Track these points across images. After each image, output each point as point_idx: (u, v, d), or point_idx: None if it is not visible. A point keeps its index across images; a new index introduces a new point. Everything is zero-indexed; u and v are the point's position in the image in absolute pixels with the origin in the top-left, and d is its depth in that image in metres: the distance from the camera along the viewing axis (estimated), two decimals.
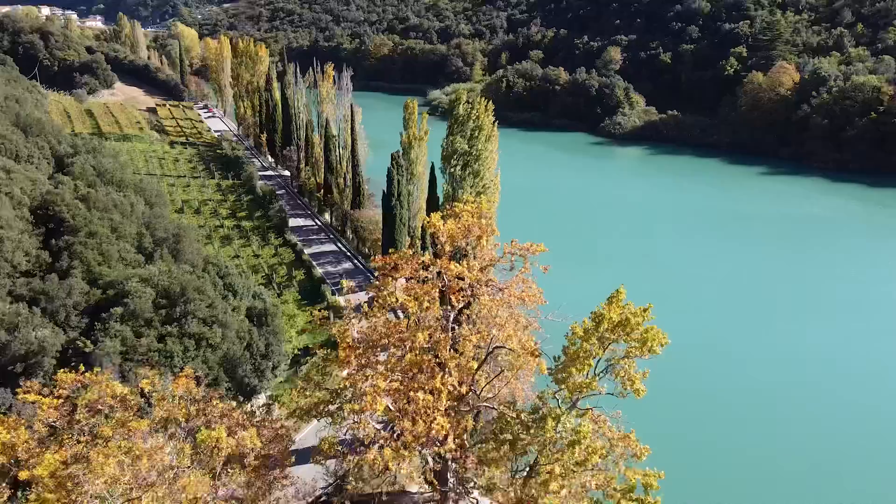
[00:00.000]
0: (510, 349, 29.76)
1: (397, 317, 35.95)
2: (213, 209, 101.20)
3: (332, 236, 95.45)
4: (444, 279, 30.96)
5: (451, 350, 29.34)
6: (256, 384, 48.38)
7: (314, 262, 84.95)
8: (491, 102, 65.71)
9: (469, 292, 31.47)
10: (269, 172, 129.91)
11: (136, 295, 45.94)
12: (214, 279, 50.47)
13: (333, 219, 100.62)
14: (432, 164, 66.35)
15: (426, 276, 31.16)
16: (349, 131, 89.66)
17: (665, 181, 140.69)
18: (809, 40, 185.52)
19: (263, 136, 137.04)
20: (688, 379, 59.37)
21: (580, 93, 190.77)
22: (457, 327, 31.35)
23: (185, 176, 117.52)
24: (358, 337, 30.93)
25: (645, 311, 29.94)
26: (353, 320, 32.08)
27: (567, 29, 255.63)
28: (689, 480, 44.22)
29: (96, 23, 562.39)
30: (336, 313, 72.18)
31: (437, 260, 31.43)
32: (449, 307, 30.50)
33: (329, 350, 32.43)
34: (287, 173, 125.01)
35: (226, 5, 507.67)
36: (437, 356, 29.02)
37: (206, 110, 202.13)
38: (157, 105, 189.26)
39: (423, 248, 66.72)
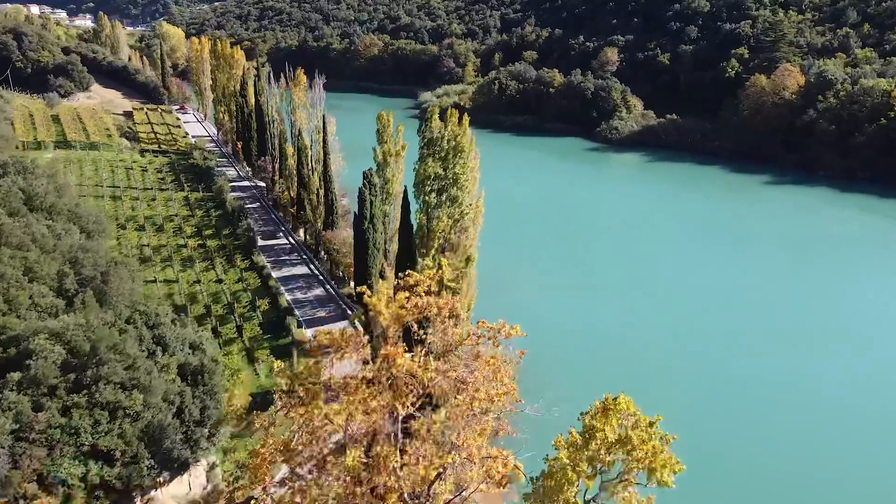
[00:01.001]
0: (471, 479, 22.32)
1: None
2: (177, 226, 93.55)
3: (304, 257, 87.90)
4: (391, 373, 23.60)
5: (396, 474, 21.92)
6: (188, 456, 40.91)
7: (283, 288, 77.56)
8: (467, 116, 58.18)
9: (423, 392, 24.10)
10: (245, 183, 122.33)
11: (40, 355, 38.42)
12: (141, 331, 42.94)
13: (308, 237, 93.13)
14: (405, 188, 58.85)
15: (371, 374, 23.92)
16: (321, 144, 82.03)
17: (665, 191, 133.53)
18: (814, 41, 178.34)
19: (240, 144, 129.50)
20: (694, 404, 54.76)
21: (575, 96, 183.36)
22: (407, 441, 23.98)
23: (151, 188, 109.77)
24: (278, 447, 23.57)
25: (652, 424, 22.65)
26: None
27: (562, 29, 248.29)
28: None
29: (86, 21, 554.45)
30: (300, 348, 64.93)
31: (383, 346, 24.08)
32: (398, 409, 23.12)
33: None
34: (263, 184, 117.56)
35: (215, 3, 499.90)
36: (373, 490, 21.57)
37: (186, 113, 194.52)
38: (133, 108, 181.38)
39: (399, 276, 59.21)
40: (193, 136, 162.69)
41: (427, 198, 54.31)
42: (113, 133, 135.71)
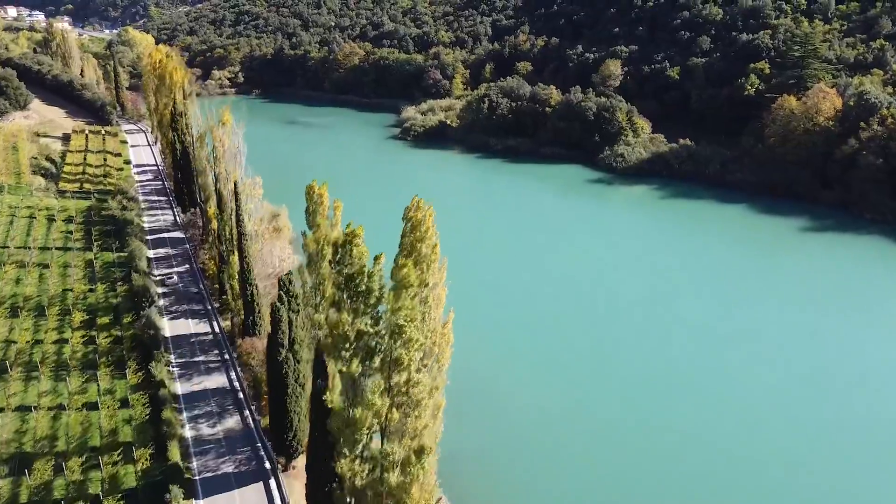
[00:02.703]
0: None
1: None
2: (66, 309, 71.68)
3: (226, 357, 66.18)
4: None
5: None
6: None
7: (185, 415, 56.45)
8: (432, 217, 36.78)
9: None
10: (179, 234, 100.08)
11: None
12: None
13: (234, 326, 71.42)
14: (317, 346, 37.12)
15: None
16: (234, 219, 60.13)
17: (681, 238, 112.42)
18: (845, 55, 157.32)
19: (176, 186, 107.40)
20: None
21: (575, 116, 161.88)
22: None
23: (51, 247, 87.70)
24: None
25: None
26: None
27: (559, 37, 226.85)
28: None
29: (63, 24, 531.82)
30: None
31: None
32: None
33: None
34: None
35: (188, 7, 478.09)
36: None
37: (139, 133, 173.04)
38: (74, 131, 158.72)
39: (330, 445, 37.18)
40: (137, 166, 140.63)
41: (346, 367, 32.83)
42: (24, 171, 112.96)
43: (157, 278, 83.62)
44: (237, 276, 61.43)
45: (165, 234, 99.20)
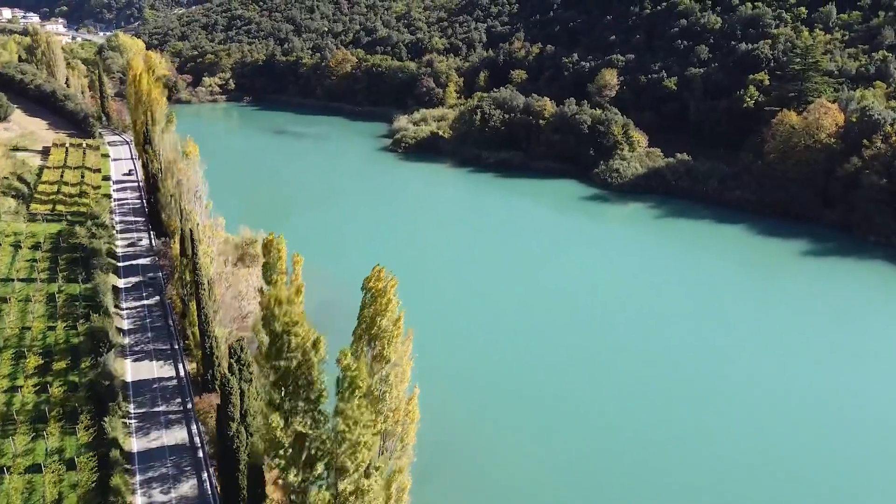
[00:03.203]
0: None
1: None
2: (20, 352, 67.32)
3: (189, 407, 61.80)
4: None
5: None
6: None
7: (138, 478, 52.27)
8: (394, 294, 32.59)
9: None
10: (152, 261, 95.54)
11: None
12: None
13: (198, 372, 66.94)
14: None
15: None
16: (191, 264, 55.76)
17: (676, 258, 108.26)
18: (846, 66, 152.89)
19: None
20: None
21: (569, 129, 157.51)
22: None
23: (13, 279, 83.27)
24: None
25: None
26: None
27: (554, 45, 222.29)
28: None
29: (57, 26, 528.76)
30: None
31: None
32: None
33: None
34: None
35: (182, 9, 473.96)
36: None
37: (125, 145, 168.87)
38: (54, 144, 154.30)
39: None
40: (117, 182, 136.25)
41: (283, 476, 28.47)
42: None
43: (125, 311, 79.36)
44: (197, 326, 57.00)
45: (140, 261, 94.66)
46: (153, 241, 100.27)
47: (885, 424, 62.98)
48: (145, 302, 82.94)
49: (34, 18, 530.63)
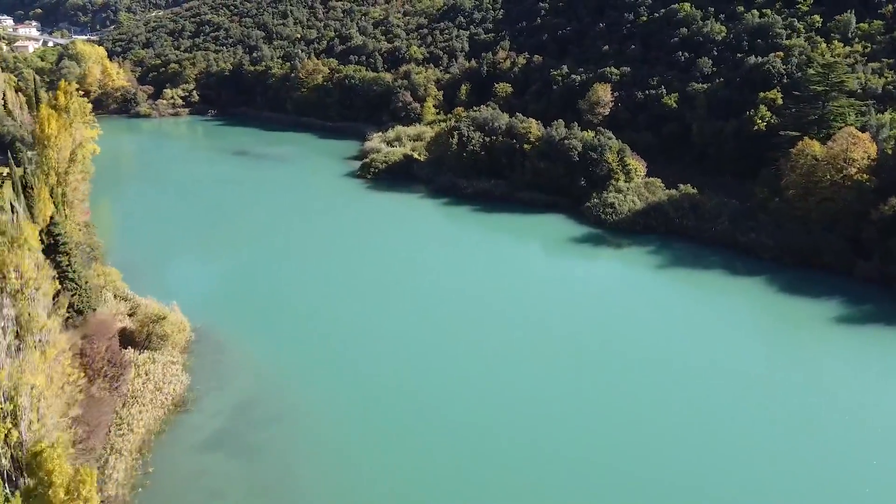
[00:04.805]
0: None
1: None
2: None
3: None
4: None
5: None
6: None
7: None
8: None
9: None
10: None
11: None
12: None
13: None
14: None
15: None
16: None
17: (681, 320, 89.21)
18: (871, 84, 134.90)
19: None
20: None
21: (557, 156, 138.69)
22: None
23: None
24: None
25: None
26: None
27: (542, 54, 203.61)
28: None
29: (30, 30, 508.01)
30: None
31: None
32: None
33: None
34: None
35: (161, 11, 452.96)
36: None
37: None
38: None
39: None
40: None
41: None
42: None
43: None
44: None
45: None
46: None
47: None
48: None
49: (8, 21, 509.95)
